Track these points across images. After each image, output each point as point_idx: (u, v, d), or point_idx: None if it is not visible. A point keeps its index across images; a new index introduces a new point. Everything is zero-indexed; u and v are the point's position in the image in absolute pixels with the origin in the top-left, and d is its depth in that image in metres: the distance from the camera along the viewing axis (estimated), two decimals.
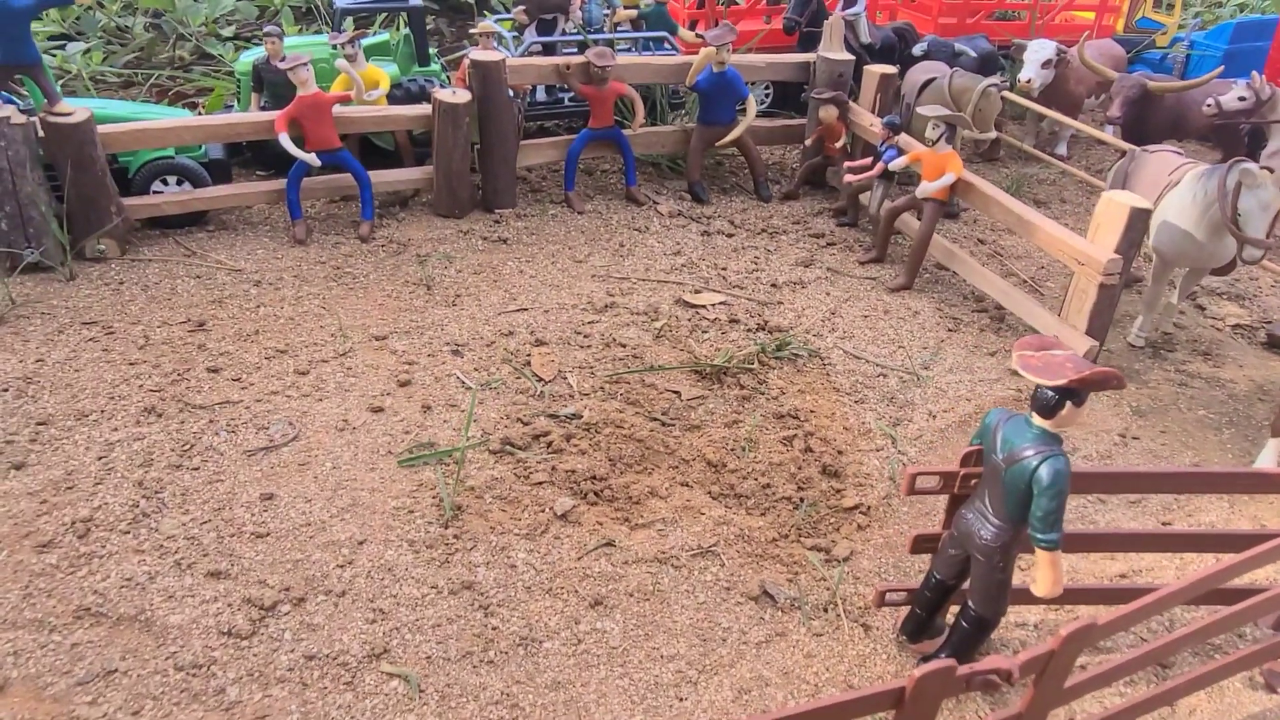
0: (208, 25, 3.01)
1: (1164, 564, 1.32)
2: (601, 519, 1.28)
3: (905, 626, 1.12)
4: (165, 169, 1.96)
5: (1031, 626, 1.20)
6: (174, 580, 1.14)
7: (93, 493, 1.26)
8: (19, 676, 1.01)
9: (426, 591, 1.15)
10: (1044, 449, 0.93)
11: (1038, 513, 0.92)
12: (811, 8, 2.83)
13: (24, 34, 1.71)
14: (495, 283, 1.87)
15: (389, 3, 2.43)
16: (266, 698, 1.01)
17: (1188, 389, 1.75)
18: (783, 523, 1.30)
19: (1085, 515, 1.40)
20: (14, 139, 1.68)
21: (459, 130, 2.04)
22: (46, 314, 1.65)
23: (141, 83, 2.74)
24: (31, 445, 1.34)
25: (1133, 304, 1.97)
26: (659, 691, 1.06)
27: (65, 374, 1.50)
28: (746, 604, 1.18)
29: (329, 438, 1.40)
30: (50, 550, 1.17)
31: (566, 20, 2.63)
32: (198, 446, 1.36)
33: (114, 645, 1.05)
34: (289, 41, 2.31)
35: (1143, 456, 1.55)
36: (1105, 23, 3.39)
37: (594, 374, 1.59)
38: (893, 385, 1.65)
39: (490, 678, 1.06)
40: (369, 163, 2.09)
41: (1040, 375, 0.91)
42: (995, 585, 1.00)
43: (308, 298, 1.77)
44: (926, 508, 1.37)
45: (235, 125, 1.98)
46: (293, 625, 1.10)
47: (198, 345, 1.60)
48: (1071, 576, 1.28)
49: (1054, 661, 0.84)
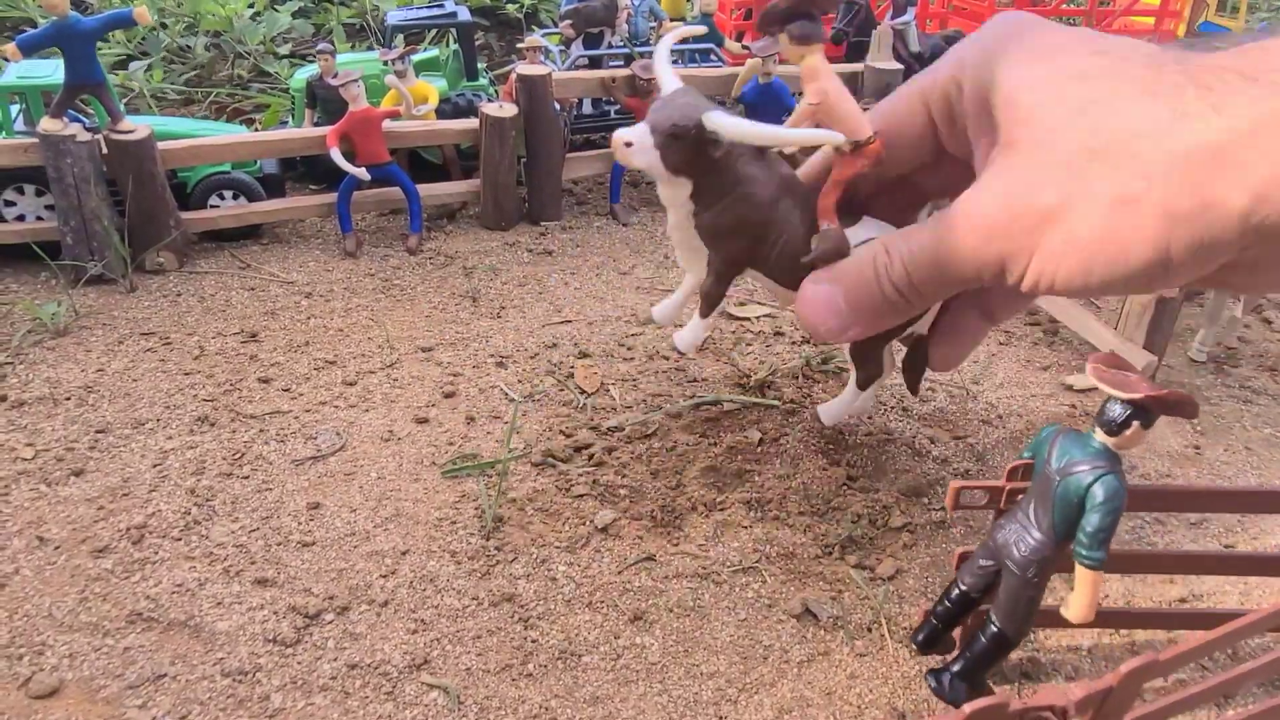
0: (265, 44, 3.09)
1: (1226, 588, 1.27)
2: (642, 533, 1.28)
3: (918, 635, 1.09)
4: (222, 184, 2.02)
5: (1085, 651, 1.16)
6: (222, 587, 1.16)
7: (147, 500, 1.30)
8: (74, 679, 1.04)
9: (468, 603, 1.16)
10: (1102, 465, 0.89)
11: (1087, 528, 0.89)
12: (860, 17, 2.80)
13: (90, 55, 1.77)
14: (540, 295, 1.88)
15: (439, 19, 2.47)
16: (309, 705, 1.02)
17: (1253, 406, 1.69)
18: (826, 540, 1.28)
19: (1143, 536, 1.35)
20: (79, 156, 1.75)
21: (505, 144, 2.06)
22: (108, 325, 1.71)
23: (201, 100, 2.82)
24: (90, 453, 1.38)
25: (1194, 317, 1.91)
26: (698, 709, 1.04)
27: (124, 383, 1.54)
28: (788, 622, 1.16)
29: (374, 448, 1.42)
30: (106, 555, 1.20)
31: (613, 34, 2.65)
32: (248, 455, 1.39)
33: (164, 650, 1.08)
34: (341, 58, 2.36)
35: (1205, 476, 1.49)
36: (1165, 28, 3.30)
37: (637, 387, 1.59)
38: (941, 400, 1.62)
39: (529, 691, 1.05)
40: (417, 176, 2.12)
41: (1114, 388, 0.88)
42: (1025, 602, 0.96)
43: (357, 309, 1.80)
44: (976, 525, 1.34)
45: (289, 141, 2.02)
46: (336, 634, 1.11)
47: (250, 356, 1.63)
48: (1128, 599, 1.24)
49: (1112, 698, 0.81)
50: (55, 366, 1.58)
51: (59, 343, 1.65)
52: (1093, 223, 0.77)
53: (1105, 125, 0.77)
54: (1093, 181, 0.77)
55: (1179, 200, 0.72)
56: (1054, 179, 0.79)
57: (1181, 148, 0.72)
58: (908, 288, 0.93)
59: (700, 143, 1.02)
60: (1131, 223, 0.75)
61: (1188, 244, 0.73)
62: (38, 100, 1.86)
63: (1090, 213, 0.77)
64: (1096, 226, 0.77)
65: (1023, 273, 0.83)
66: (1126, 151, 0.75)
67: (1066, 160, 0.79)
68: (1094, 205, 0.77)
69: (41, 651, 1.07)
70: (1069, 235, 0.79)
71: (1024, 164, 0.82)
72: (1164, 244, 0.74)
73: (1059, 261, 0.80)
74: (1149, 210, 0.74)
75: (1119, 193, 0.75)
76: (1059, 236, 0.79)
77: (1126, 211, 0.75)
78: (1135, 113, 0.76)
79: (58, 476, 1.33)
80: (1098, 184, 0.76)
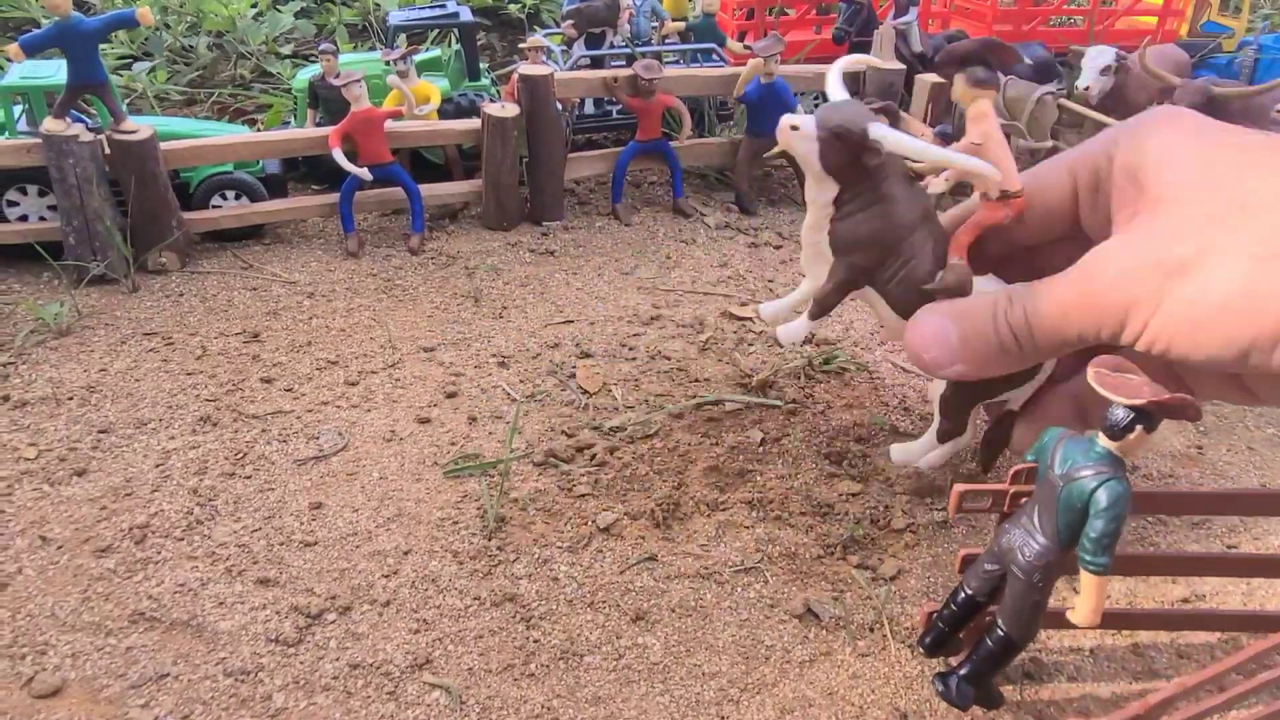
0: (268, 44, 3.09)
1: (1229, 588, 1.27)
2: (644, 533, 1.28)
3: (925, 639, 1.08)
4: (224, 184, 2.02)
5: (1088, 652, 1.16)
6: (225, 587, 1.16)
7: (150, 499, 1.30)
8: (76, 678, 1.04)
9: (469, 603, 1.16)
10: (1105, 470, 0.89)
11: (1091, 534, 0.88)
12: (862, 17, 2.80)
13: (92, 55, 1.78)
14: (542, 295, 1.88)
15: (441, 19, 2.47)
16: (311, 705, 1.02)
17: (1255, 406, 1.68)
18: (828, 540, 1.28)
19: (1145, 537, 1.35)
20: (82, 156, 1.75)
21: (507, 144, 2.06)
22: (110, 325, 1.71)
23: (203, 100, 2.82)
24: (93, 453, 1.38)
25: None
26: (700, 709, 1.04)
27: (126, 383, 1.55)
28: (790, 622, 1.16)
29: (376, 448, 1.42)
30: (108, 555, 1.20)
31: (614, 34, 2.65)
32: (250, 455, 1.39)
33: (166, 650, 1.08)
34: (344, 58, 2.36)
35: (1207, 476, 1.49)
36: (1168, 27, 3.30)
37: (639, 387, 1.59)
38: None
39: (531, 691, 1.05)
40: (419, 176, 2.12)
41: (1117, 393, 0.87)
42: (1030, 606, 0.96)
43: (359, 309, 1.80)
44: (978, 525, 1.34)
45: (291, 141, 2.02)
46: (338, 634, 1.11)
47: (252, 356, 1.63)
48: (1130, 599, 1.24)
49: None
50: (58, 366, 1.58)
51: (61, 343, 1.65)
52: (1230, 276, 0.71)
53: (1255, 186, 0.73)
54: (1236, 235, 0.72)
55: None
56: (1195, 231, 0.74)
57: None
58: (1024, 333, 0.90)
59: (860, 148, 1.04)
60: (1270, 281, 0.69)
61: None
62: (40, 101, 1.86)
63: (1230, 265, 0.71)
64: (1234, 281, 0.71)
65: (1143, 327, 0.78)
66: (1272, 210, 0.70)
67: (1210, 214, 0.74)
68: (1234, 258, 0.71)
69: (44, 651, 1.07)
70: (1202, 288, 0.73)
71: (1165, 217, 0.78)
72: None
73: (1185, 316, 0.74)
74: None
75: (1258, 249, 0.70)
76: (1191, 288, 0.74)
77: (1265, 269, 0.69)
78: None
79: (60, 476, 1.33)
80: (1240, 237, 0.71)
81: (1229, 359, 0.75)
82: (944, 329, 1.00)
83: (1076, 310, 0.87)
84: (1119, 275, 0.81)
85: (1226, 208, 0.75)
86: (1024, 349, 0.94)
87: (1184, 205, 0.78)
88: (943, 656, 1.09)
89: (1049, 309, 0.90)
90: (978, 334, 0.97)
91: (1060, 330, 0.90)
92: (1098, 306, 0.84)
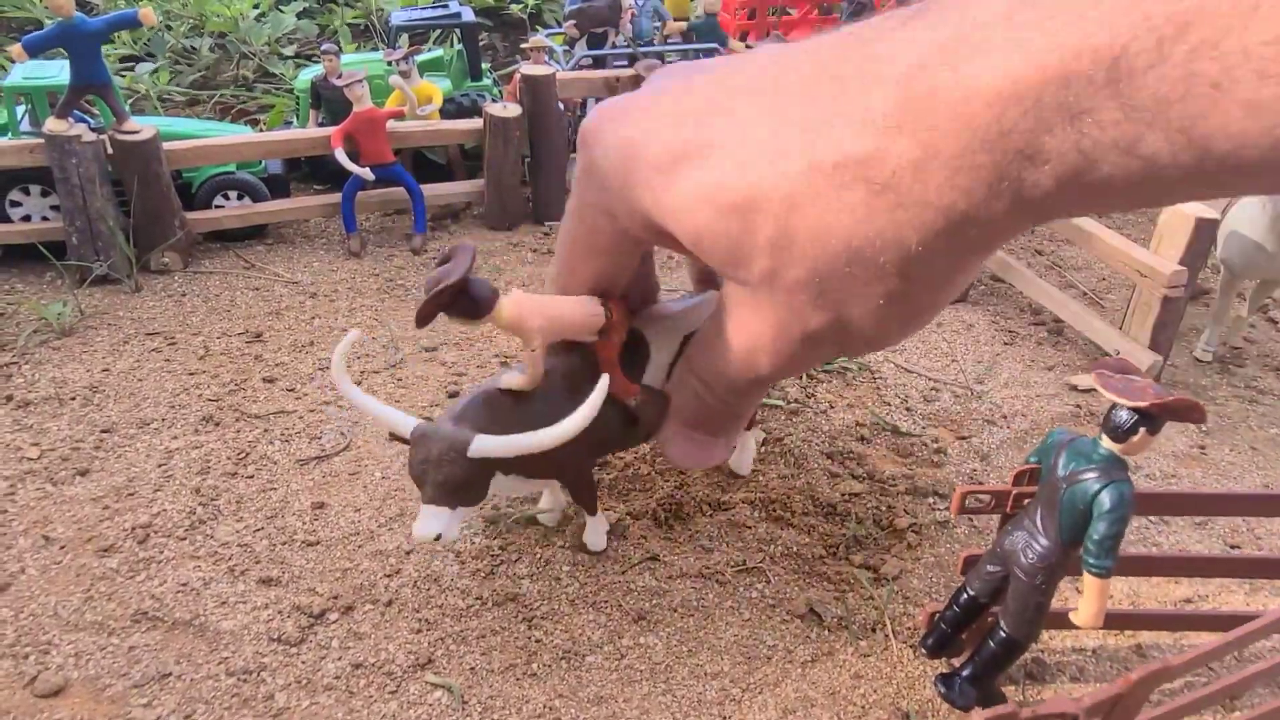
0: (270, 44, 3.10)
1: (1232, 588, 1.27)
2: (646, 532, 1.28)
3: (927, 639, 1.09)
4: (227, 184, 2.02)
5: (1090, 652, 1.16)
6: (227, 586, 1.16)
7: (152, 499, 1.30)
8: (79, 677, 1.04)
9: (472, 602, 1.16)
10: (1109, 472, 0.89)
11: (1094, 536, 0.88)
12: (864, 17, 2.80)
13: (95, 55, 1.78)
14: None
15: (443, 19, 2.47)
16: (314, 705, 1.03)
17: (1258, 406, 1.68)
18: (831, 540, 1.28)
19: (1147, 537, 1.35)
20: (84, 156, 1.75)
21: (510, 144, 2.06)
22: (113, 325, 1.71)
23: (206, 101, 2.83)
24: (96, 452, 1.39)
25: (1199, 317, 1.90)
26: (702, 709, 1.04)
27: (129, 383, 1.55)
28: (792, 622, 1.16)
29: (379, 448, 1.42)
30: (111, 555, 1.20)
31: (617, 34, 2.65)
32: (253, 455, 1.39)
33: (169, 649, 1.08)
34: (346, 59, 2.36)
35: (1210, 476, 1.49)
36: None
37: None
38: (945, 400, 1.61)
39: (533, 690, 1.06)
40: (421, 176, 2.12)
41: (1120, 396, 0.87)
42: (1033, 608, 0.96)
43: (361, 309, 1.80)
44: (981, 525, 1.34)
45: (293, 141, 2.03)
46: (340, 633, 1.11)
47: (254, 356, 1.64)
48: (1133, 600, 1.24)
49: (1121, 705, 0.81)
50: (61, 366, 1.59)
51: (64, 343, 1.65)
52: (882, 317, 0.72)
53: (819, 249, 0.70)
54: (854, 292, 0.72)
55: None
56: (812, 307, 0.73)
57: (903, 249, 0.67)
58: (740, 400, 0.91)
59: (483, 466, 0.93)
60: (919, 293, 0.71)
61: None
62: (43, 101, 1.86)
63: (873, 312, 0.73)
64: (888, 314, 0.73)
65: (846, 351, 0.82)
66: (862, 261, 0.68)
67: (808, 288, 0.72)
68: (872, 306, 0.72)
69: (47, 650, 1.07)
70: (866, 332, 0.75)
71: (766, 301, 0.75)
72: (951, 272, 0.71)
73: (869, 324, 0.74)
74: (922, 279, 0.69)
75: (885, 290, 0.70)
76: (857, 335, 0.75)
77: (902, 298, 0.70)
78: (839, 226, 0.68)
79: (63, 476, 1.34)
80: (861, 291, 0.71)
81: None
82: (691, 440, 1.01)
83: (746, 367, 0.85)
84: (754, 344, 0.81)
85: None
86: (750, 398, 0.95)
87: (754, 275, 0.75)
88: (945, 657, 1.09)
89: (735, 367, 0.86)
90: (713, 423, 0.98)
91: (754, 381, 0.88)
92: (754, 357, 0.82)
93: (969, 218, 0.63)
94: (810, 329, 0.74)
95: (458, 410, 0.97)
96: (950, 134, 0.59)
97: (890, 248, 0.65)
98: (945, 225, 0.64)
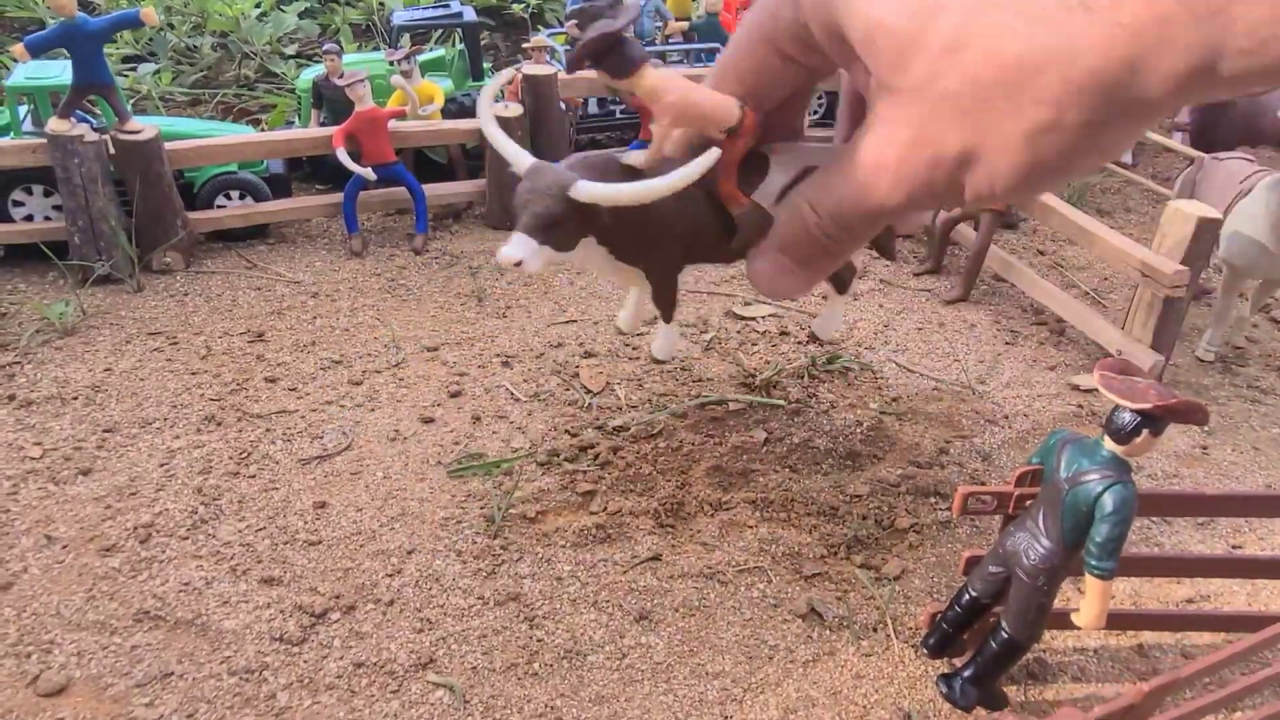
0: (272, 44, 3.10)
1: (1234, 588, 1.27)
2: (647, 532, 1.28)
3: (929, 640, 1.09)
4: (228, 184, 2.02)
5: (1091, 652, 1.16)
6: (229, 586, 1.17)
7: (154, 499, 1.30)
8: (81, 677, 1.04)
9: (473, 602, 1.16)
10: (1111, 474, 0.89)
11: (1096, 538, 0.88)
12: None
13: (98, 55, 1.78)
14: (545, 294, 1.88)
15: (445, 19, 2.47)
16: (315, 704, 1.03)
17: (1260, 406, 1.68)
18: (832, 540, 1.28)
19: (1149, 537, 1.35)
20: (87, 156, 1.75)
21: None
22: (115, 324, 1.71)
23: (208, 101, 2.83)
24: (98, 452, 1.39)
25: (1201, 317, 1.90)
26: (703, 709, 1.04)
27: (131, 383, 1.55)
28: (794, 621, 1.16)
29: (381, 447, 1.42)
30: (113, 554, 1.21)
31: None
32: (254, 455, 1.40)
33: (171, 648, 1.08)
34: (348, 59, 2.36)
35: (1212, 477, 1.49)
36: None
37: (642, 386, 1.59)
38: (947, 400, 1.61)
39: (534, 690, 1.06)
40: (423, 176, 2.13)
41: (1123, 397, 0.87)
42: (1035, 609, 0.96)
43: (363, 309, 1.80)
44: (983, 525, 1.34)
45: (295, 141, 2.03)
46: (342, 633, 1.11)
47: (256, 356, 1.64)
48: (1135, 600, 1.24)
49: (1131, 715, 0.80)
50: (63, 366, 1.59)
51: (67, 342, 1.65)
52: (1014, 158, 0.75)
53: (987, 60, 0.73)
54: (1000, 120, 0.74)
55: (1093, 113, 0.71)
56: (953, 124, 0.76)
57: (1077, 69, 0.70)
58: (843, 235, 0.92)
59: (581, 214, 0.98)
60: (1055, 147, 0.73)
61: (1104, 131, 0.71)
62: (46, 101, 1.87)
63: (1009, 148, 0.75)
64: (1020, 158, 0.75)
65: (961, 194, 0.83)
66: (1022, 83, 0.72)
67: (958, 101, 0.75)
68: (1010, 141, 0.75)
69: (49, 650, 1.07)
70: (992, 170, 0.77)
71: (911, 112, 0.77)
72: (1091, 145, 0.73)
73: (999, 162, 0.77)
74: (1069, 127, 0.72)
75: (1031, 126, 0.73)
76: (983, 172, 0.78)
77: (1046, 140, 0.73)
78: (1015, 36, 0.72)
79: (66, 475, 1.34)
80: (1006, 122, 0.74)
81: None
82: (779, 264, 1.01)
83: (878, 211, 0.86)
84: (903, 177, 0.82)
85: (971, 93, 0.77)
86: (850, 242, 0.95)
87: (925, 96, 0.78)
88: (947, 657, 1.09)
89: (851, 213, 0.88)
90: (808, 254, 0.99)
91: (870, 223, 0.88)
92: (896, 203, 0.83)
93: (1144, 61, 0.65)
94: (941, 151, 0.75)
95: (572, 161, 1.00)
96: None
97: (1060, 64, 0.67)
98: (1124, 55, 0.65)
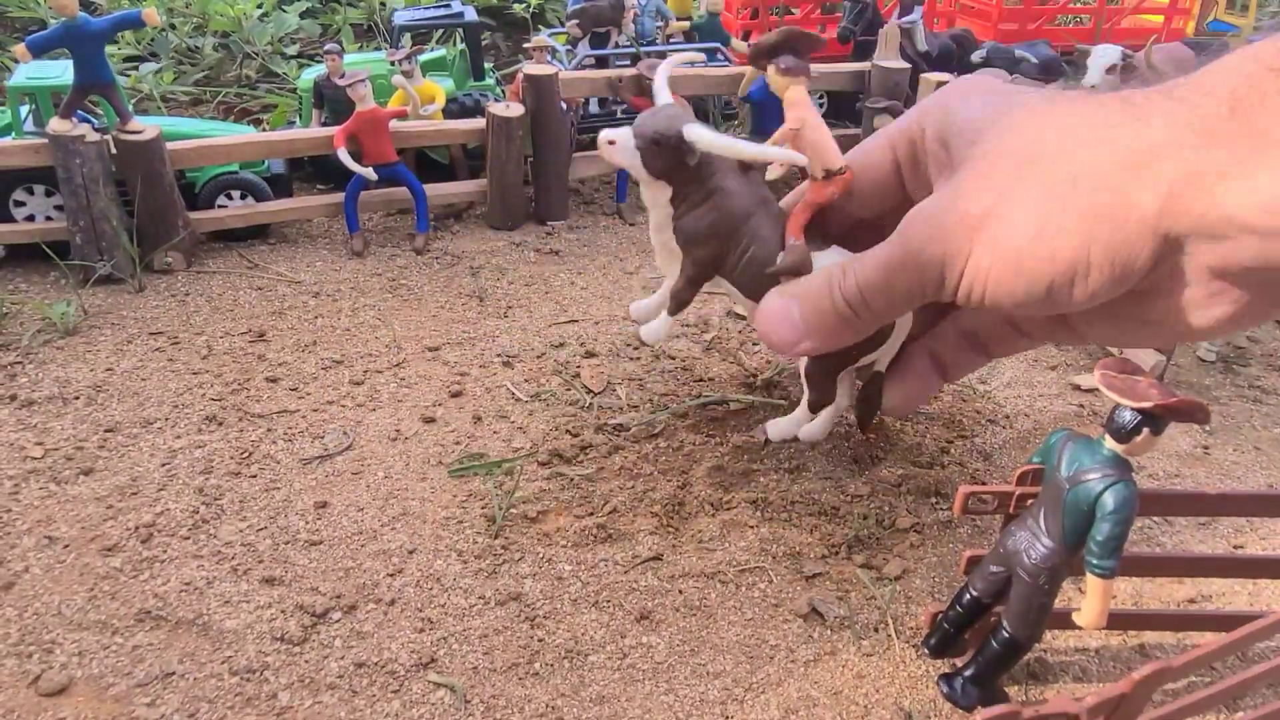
0: (273, 44, 3.10)
1: (1235, 589, 1.26)
2: (648, 532, 1.28)
3: (930, 640, 1.09)
4: (230, 184, 2.02)
5: (1092, 652, 1.16)
6: (230, 585, 1.17)
7: (156, 498, 1.30)
8: (83, 676, 1.04)
9: (474, 602, 1.16)
10: (1112, 473, 0.89)
11: (1097, 537, 0.88)
12: (867, 16, 2.80)
13: (99, 55, 1.78)
14: (546, 294, 1.88)
15: (446, 19, 2.47)
16: (317, 704, 1.03)
17: (1262, 406, 1.68)
18: (833, 540, 1.28)
19: (1151, 537, 1.35)
20: (88, 156, 1.75)
21: (512, 143, 2.06)
22: (116, 324, 1.72)
23: (209, 101, 2.83)
24: (100, 452, 1.39)
25: None
26: (704, 709, 1.04)
27: (133, 383, 1.55)
28: (795, 621, 1.16)
29: (382, 447, 1.42)
30: (115, 554, 1.21)
31: (619, 33, 2.65)
32: (256, 454, 1.40)
33: (172, 648, 1.08)
34: (349, 58, 2.37)
35: (1213, 477, 1.49)
36: (1174, 26, 3.29)
37: (643, 386, 1.59)
38: (948, 399, 1.61)
39: (535, 690, 1.06)
40: (424, 176, 2.13)
41: (1124, 396, 0.87)
42: (1036, 609, 0.96)
43: (364, 309, 1.80)
44: (984, 525, 1.34)
45: (296, 141, 2.03)
46: (343, 633, 1.11)
47: (258, 355, 1.64)
48: (1136, 600, 1.23)
49: (1124, 705, 0.81)
50: (64, 366, 1.59)
51: (68, 342, 1.66)
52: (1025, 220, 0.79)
53: (1038, 137, 0.80)
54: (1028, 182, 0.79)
55: (1100, 198, 0.75)
56: (990, 185, 0.82)
57: (1107, 153, 0.75)
58: (857, 301, 0.97)
59: (679, 151, 1.08)
60: (1057, 221, 0.77)
61: (1106, 244, 0.75)
62: (47, 101, 1.87)
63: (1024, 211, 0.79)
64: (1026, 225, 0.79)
65: (959, 279, 0.85)
66: (1056, 157, 0.78)
67: (1003, 169, 0.82)
68: (1023, 206, 0.79)
69: (51, 649, 1.07)
70: (1000, 236, 0.81)
71: (967, 173, 0.85)
72: (1085, 243, 0.76)
73: (991, 263, 0.82)
74: (1074, 209, 0.76)
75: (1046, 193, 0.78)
76: (990, 237, 0.82)
77: (1053, 209, 0.77)
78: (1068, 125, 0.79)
79: (67, 475, 1.34)
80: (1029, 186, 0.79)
81: (1038, 299, 0.82)
82: (787, 310, 1.07)
83: (899, 271, 0.94)
84: (931, 231, 0.89)
85: (1020, 159, 0.82)
86: (861, 316, 1.01)
87: (982, 164, 0.86)
88: (948, 657, 1.08)
89: (875, 274, 0.97)
90: (817, 310, 1.04)
91: (888, 292, 0.96)
92: (917, 264, 0.91)
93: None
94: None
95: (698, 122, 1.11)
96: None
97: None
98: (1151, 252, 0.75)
